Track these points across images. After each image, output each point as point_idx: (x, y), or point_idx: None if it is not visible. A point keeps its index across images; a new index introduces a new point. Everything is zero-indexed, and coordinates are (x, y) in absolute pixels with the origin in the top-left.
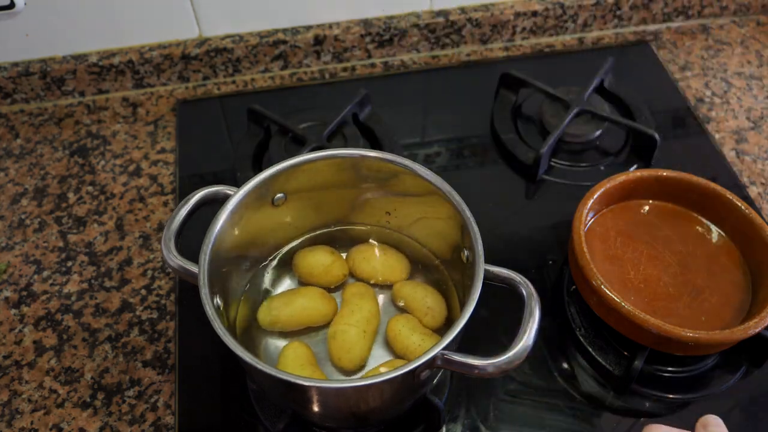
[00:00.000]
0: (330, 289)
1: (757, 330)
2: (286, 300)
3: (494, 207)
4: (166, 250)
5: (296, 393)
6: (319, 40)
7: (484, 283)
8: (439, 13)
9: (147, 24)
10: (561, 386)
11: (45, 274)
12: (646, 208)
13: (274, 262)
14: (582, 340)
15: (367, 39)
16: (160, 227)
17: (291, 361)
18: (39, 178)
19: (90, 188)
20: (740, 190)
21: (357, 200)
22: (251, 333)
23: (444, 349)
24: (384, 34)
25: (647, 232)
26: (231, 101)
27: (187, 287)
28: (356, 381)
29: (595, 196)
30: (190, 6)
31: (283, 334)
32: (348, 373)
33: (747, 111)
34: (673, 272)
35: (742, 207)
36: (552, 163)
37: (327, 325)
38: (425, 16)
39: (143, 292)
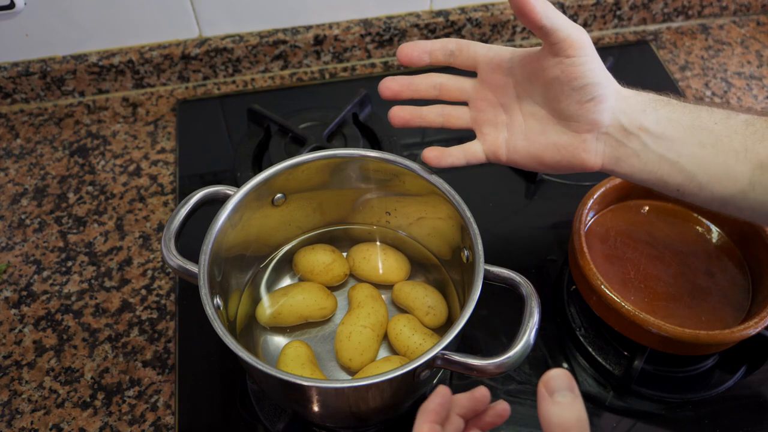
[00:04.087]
0: (330, 288)
1: (757, 330)
2: (286, 294)
3: (494, 207)
4: (166, 250)
5: (296, 393)
6: (319, 40)
7: (484, 283)
8: (439, 13)
9: (147, 24)
10: None
11: (45, 274)
12: (646, 208)
13: (274, 262)
14: (582, 340)
15: (367, 39)
16: (160, 227)
17: (291, 361)
18: (39, 178)
19: (90, 188)
20: None
21: (357, 200)
22: (251, 332)
23: (444, 349)
24: (384, 34)
25: (647, 232)
26: (231, 101)
27: (187, 287)
28: (356, 381)
29: (595, 196)
30: (190, 6)
31: (283, 333)
32: (353, 373)
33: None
34: (673, 272)
35: None
36: None
37: (326, 322)
38: (425, 16)
39: (143, 292)
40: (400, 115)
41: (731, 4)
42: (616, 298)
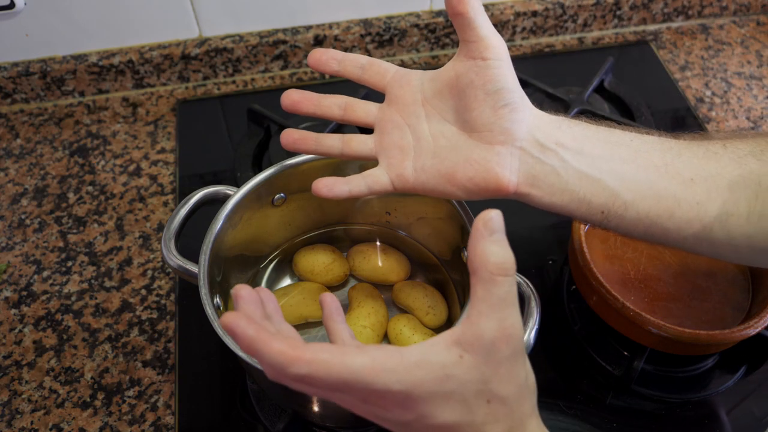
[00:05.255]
0: (330, 288)
1: (757, 330)
2: (286, 294)
3: (494, 207)
4: (166, 250)
5: (296, 393)
6: (319, 40)
7: None
8: (439, 13)
9: (147, 24)
10: (561, 386)
11: (45, 274)
12: None
13: (274, 262)
14: (582, 340)
15: (367, 39)
16: (160, 227)
17: None
18: (39, 178)
19: (90, 188)
20: None
21: (357, 200)
22: None
23: None
24: (384, 34)
25: None
26: (231, 101)
27: (187, 287)
28: None
29: None
30: (190, 6)
31: None
32: None
33: (747, 111)
34: (673, 272)
35: None
36: None
37: None
38: (425, 16)
39: (143, 292)
40: (290, 135)
41: (731, 4)
42: (616, 298)
